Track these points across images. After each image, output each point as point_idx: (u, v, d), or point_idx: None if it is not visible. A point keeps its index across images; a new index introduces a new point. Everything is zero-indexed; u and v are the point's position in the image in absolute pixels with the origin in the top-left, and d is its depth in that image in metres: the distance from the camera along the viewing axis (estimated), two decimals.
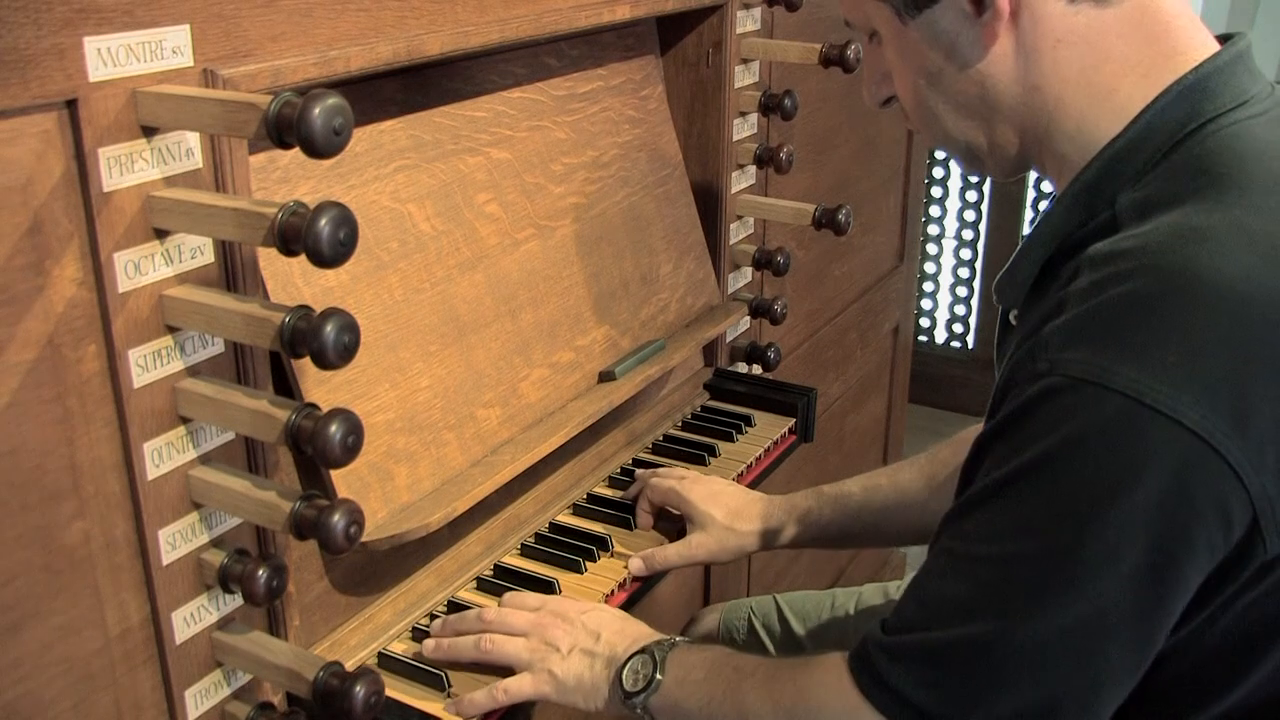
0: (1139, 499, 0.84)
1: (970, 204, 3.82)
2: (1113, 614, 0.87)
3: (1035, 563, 0.88)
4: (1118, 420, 0.83)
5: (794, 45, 1.68)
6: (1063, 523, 0.86)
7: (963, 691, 0.92)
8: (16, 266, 0.82)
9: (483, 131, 1.39)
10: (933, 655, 0.93)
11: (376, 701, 0.97)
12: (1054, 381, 0.86)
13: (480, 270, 1.35)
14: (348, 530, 0.90)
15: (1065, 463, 0.86)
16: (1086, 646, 0.88)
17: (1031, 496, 0.88)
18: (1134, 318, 0.86)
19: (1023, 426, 0.89)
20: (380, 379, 1.20)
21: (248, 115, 0.83)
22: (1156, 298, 0.85)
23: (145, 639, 0.97)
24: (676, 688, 1.12)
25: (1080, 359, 0.85)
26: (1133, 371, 0.83)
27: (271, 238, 0.84)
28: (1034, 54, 0.98)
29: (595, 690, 1.16)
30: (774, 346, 1.86)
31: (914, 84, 1.06)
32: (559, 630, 1.19)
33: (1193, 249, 0.86)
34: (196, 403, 0.94)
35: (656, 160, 1.66)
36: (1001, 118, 1.03)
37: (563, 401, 1.44)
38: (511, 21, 1.26)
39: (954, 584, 0.94)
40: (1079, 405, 0.85)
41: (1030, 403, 0.88)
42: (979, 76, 1.01)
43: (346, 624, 1.22)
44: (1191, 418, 0.82)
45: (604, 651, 1.17)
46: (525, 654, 1.17)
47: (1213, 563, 0.87)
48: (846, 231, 1.75)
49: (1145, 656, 0.90)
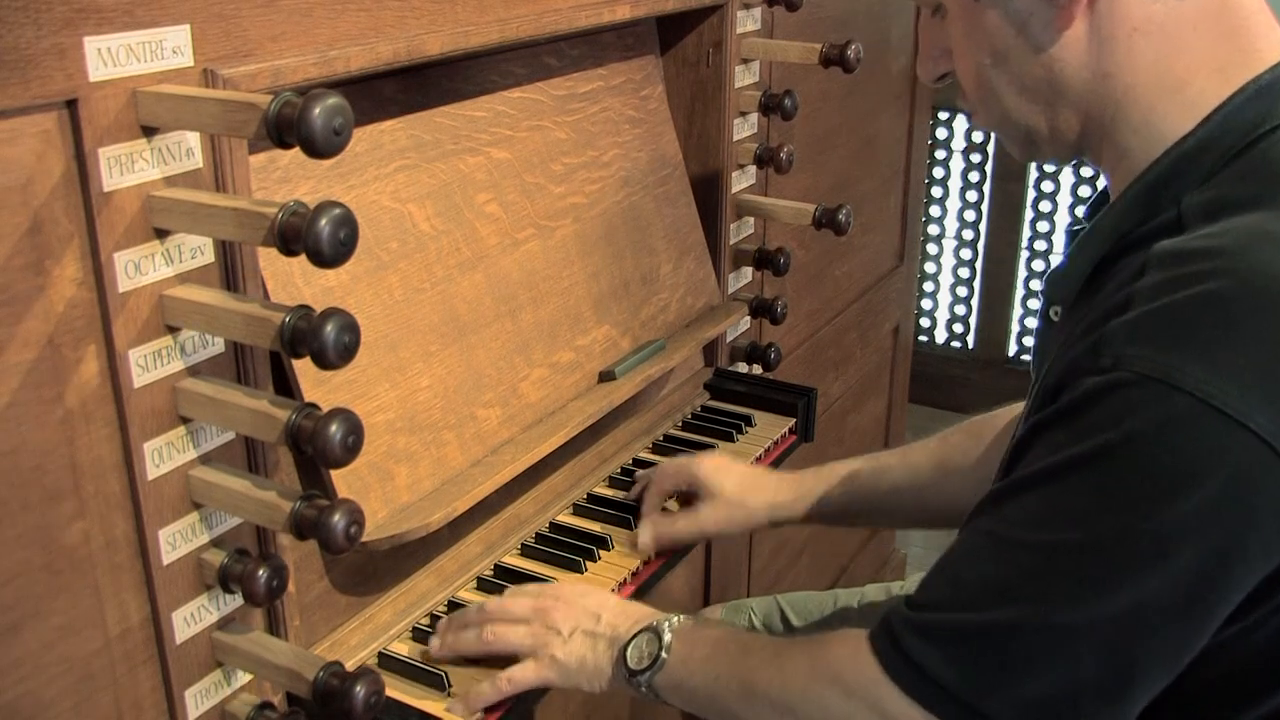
0: (1198, 501, 0.82)
1: (970, 204, 3.82)
2: (1154, 613, 0.86)
3: (1081, 554, 0.87)
4: (1184, 420, 0.82)
5: (794, 45, 1.68)
6: (1115, 517, 0.85)
7: (989, 674, 0.91)
8: (16, 266, 0.82)
9: (483, 131, 1.39)
10: (963, 635, 0.92)
11: (377, 701, 0.97)
12: (1120, 376, 0.85)
13: (480, 270, 1.35)
14: (348, 530, 0.90)
15: (1125, 457, 0.84)
16: (1121, 642, 0.87)
17: (1086, 487, 0.87)
18: (1206, 319, 0.84)
19: (1083, 417, 0.87)
20: (380, 379, 1.20)
21: (248, 115, 0.83)
22: (1230, 300, 0.84)
23: (145, 639, 0.97)
24: (681, 665, 1.11)
25: (1149, 356, 0.84)
26: (1202, 372, 0.82)
27: (272, 238, 0.84)
28: (1109, 40, 0.96)
29: (599, 671, 1.15)
30: (774, 346, 1.86)
31: (978, 63, 1.03)
32: (559, 614, 1.18)
33: (1269, 254, 0.85)
34: (197, 403, 0.94)
35: (657, 160, 1.66)
36: (1066, 103, 1.00)
37: (563, 401, 1.44)
38: (511, 21, 1.26)
39: (992, 566, 0.92)
40: (1145, 401, 0.83)
41: (1093, 394, 0.86)
42: (1048, 60, 0.98)
43: (347, 624, 1.22)
44: (1259, 422, 0.81)
45: (606, 632, 1.16)
46: (528, 640, 1.16)
47: (1267, 569, 0.86)
48: (847, 231, 1.75)
49: (1183, 657, 0.89)
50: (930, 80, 1.12)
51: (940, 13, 1.07)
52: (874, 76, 2.28)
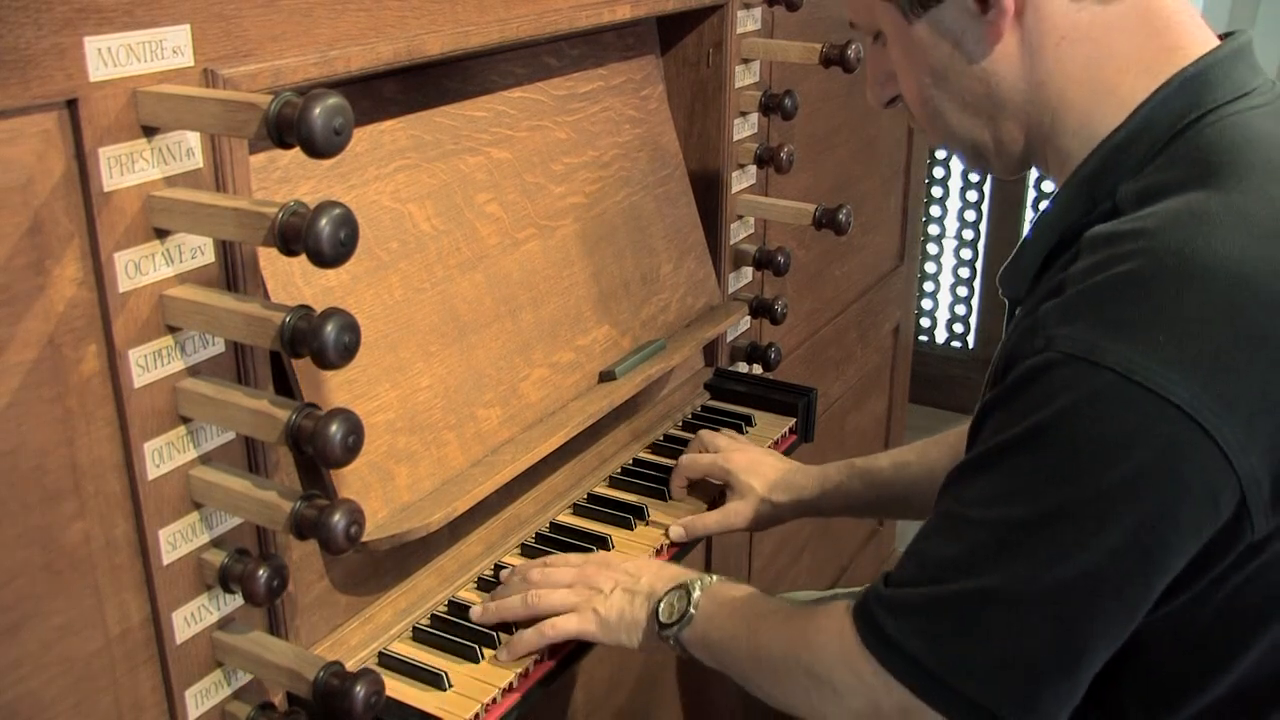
0: (1127, 474, 0.86)
1: (970, 204, 3.82)
2: (1097, 582, 0.89)
3: (1025, 529, 0.91)
4: (1108, 396, 0.86)
5: (794, 45, 1.68)
6: (1053, 492, 0.89)
7: (950, 644, 0.95)
8: (17, 266, 0.82)
9: (483, 131, 1.39)
10: (926, 609, 0.96)
11: (377, 701, 0.97)
12: (1050, 357, 0.89)
13: (480, 270, 1.35)
14: (348, 530, 0.90)
15: (1056, 435, 0.88)
16: (1069, 612, 0.91)
17: (1023, 466, 0.91)
18: (1127, 297, 0.88)
19: (1020, 397, 0.91)
20: (380, 379, 1.20)
21: (248, 115, 0.83)
22: (1150, 277, 0.87)
23: (145, 639, 0.97)
24: (706, 621, 1.16)
25: (1074, 336, 0.88)
26: (1124, 349, 0.85)
27: (272, 238, 0.84)
28: (1038, 51, 0.99)
29: (635, 625, 1.21)
30: (774, 346, 1.86)
31: (919, 83, 1.07)
32: (602, 575, 1.25)
33: (1189, 232, 0.88)
34: (197, 403, 0.94)
35: (657, 160, 1.66)
36: (1007, 115, 1.04)
37: (563, 401, 1.44)
38: (512, 21, 1.26)
39: (950, 544, 0.96)
40: (1072, 380, 0.87)
41: (1027, 376, 0.90)
42: (984, 74, 1.02)
43: (347, 624, 1.22)
44: (1181, 396, 0.84)
45: (644, 589, 1.22)
46: (572, 598, 1.22)
47: (1200, 540, 0.89)
48: (847, 231, 1.75)
49: (1124, 628, 0.93)
50: (880, 105, 1.16)
51: (881, 39, 1.10)
52: None
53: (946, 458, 1.46)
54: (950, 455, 1.46)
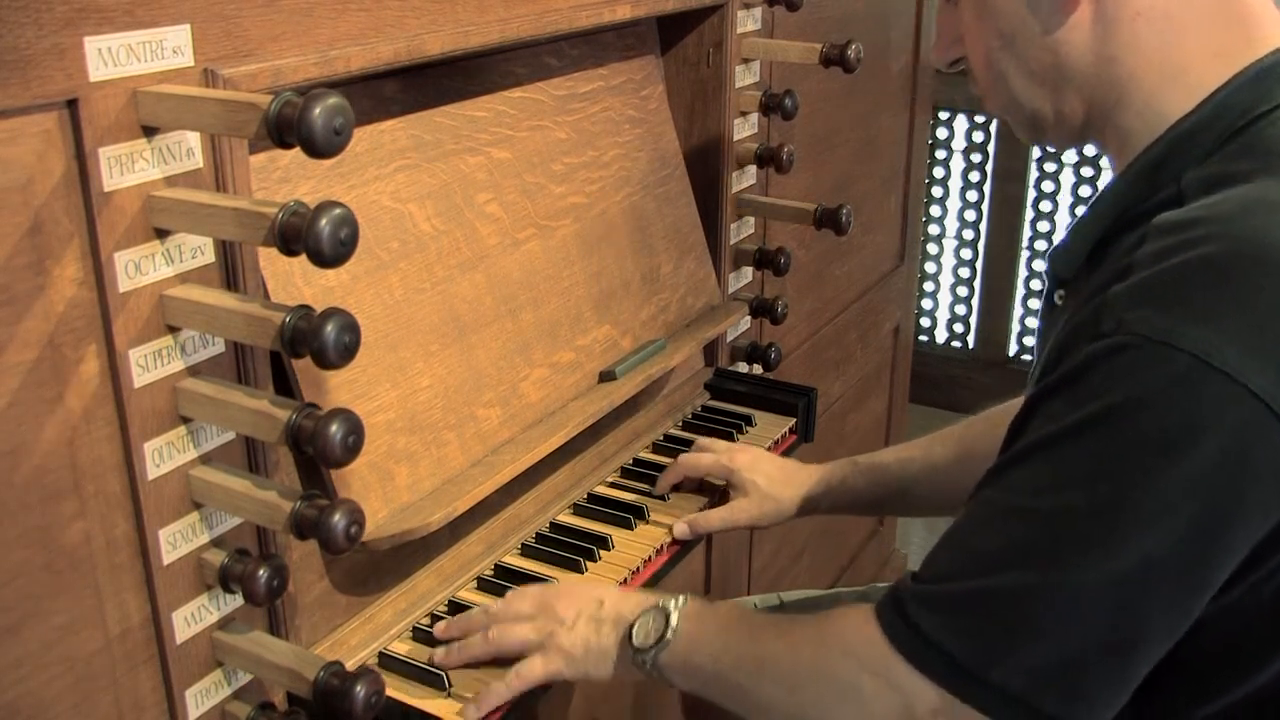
0: (1198, 460, 0.84)
1: (971, 204, 3.82)
2: (1156, 574, 0.87)
3: (1084, 516, 0.88)
4: (1184, 380, 0.84)
5: (794, 45, 1.68)
6: (1117, 477, 0.86)
7: (994, 641, 0.91)
8: (17, 266, 0.82)
9: (483, 131, 1.39)
10: (967, 604, 0.93)
11: (377, 701, 0.97)
12: (1120, 340, 0.86)
13: (481, 270, 1.35)
14: (348, 530, 0.90)
15: (1126, 419, 0.86)
16: (1125, 604, 0.88)
17: (1089, 450, 0.88)
18: (1204, 282, 0.86)
19: (1084, 382, 0.88)
20: (381, 379, 1.20)
21: (248, 115, 0.83)
22: (1227, 263, 0.86)
23: (146, 639, 0.97)
24: (689, 642, 1.11)
25: (1148, 319, 0.86)
26: (1201, 333, 0.84)
27: (272, 237, 0.84)
28: (1113, 25, 0.99)
29: (604, 654, 1.15)
30: (774, 346, 1.86)
31: (987, 46, 1.06)
32: (562, 605, 1.18)
33: (1263, 219, 0.87)
34: (197, 403, 0.94)
35: (657, 160, 1.66)
36: (1072, 87, 1.03)
37: (563, 401, 1.44)
38: (512, 21, 1.26)
39: (996, 535, 0.93)
40: (1145, 363, 0.85)
41: (1093, 359, 0.88)
42: (1054, 43, 1.01)
43: (347, 624, 1.22)
44: (1258, 383, 0.83)
45: (610, 615, 1.17)
46: (533, 634, 1.16)
47: (1265, 529, 0.87)
48: (847, 231, 1.75)
49: (1184, 620, 0.90)
50: (943, 65, 1.15)
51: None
52: (874, 76, 2.28)
53: (952, 453, 1.45)
54: (955, 452, 1.45)
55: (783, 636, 1.07)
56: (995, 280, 3.86)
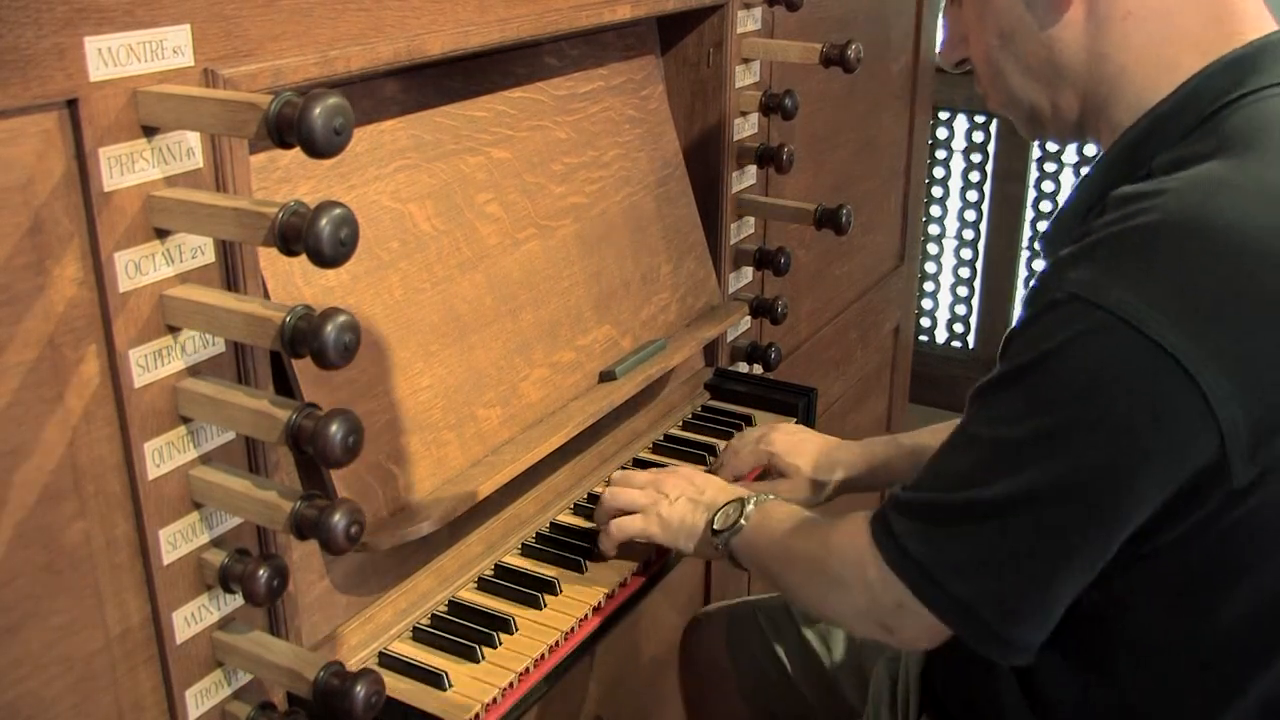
0: (1109, 407, 0.92)
1: (971, 204, 3.82)
2: (1074, 500, 0.96)
3: (1017, 447, 0.98)
4: (1100, 333, 0.92)
5: (794, 45, 1.68)
6: (1043, 416, 0.96)
7: (945, 547, 1.02)
8: (17, 266, 0.82)
9: (483, 131, 1.39)
10: (929, 513, 1.04)
11: (377, 701, 0.97)
12: (1057, 296, 0.95)
13: (481, 270, 1.35)
14: (348, 530, 0.90)
15: (1053, 365, 0.95)
16: (1044, 528, 0.97)
17: (1024, 391, 0.98)
18: (1135, 247, 0.93)
19: (1027, 333, 0.98)
20: (381, 379, 1.20)
21: (248, 115, 0.83)
22: (1159, 232, 0.93)
23: (146, 639, 0.97)
24: (753, 531, 1.27)
25: (1080, 278, 0.94)
26: (1123, 293, 0.91)
27: (272, 237, 0.84)
28: (1104, 23, 1.05)
29: (693, 530, 1.32)
30: (774, 346, 1.86)
31: (987, 44, 1.13)
32: (670, 482, 1.36)
33: (1204, 194, 0.94)
34: (197, 403, 0.94)
35: (657, 160, 1.66)
36: (1066, 83, 1.09)
37: (563, 401, 1.44)
38: (512, 21, 1.26)
39: (960, 457, 1.04)
40: (1072, 317, 0.93)
41: (1038, 313, 0.97)
42: (1048, 39, 1.07)
43: (347, 624, 1.22)
44: (1170, 341, 0.90)
45: (706, 500, 1.34)
46: (640, 499, 1.35)
47: (1175, 482, 0.94)
48: (847, 231, 1.75)
49: (1098, 553, 0.98)
50: (950, 65, 1.23)
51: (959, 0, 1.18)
52: (874, 76, 2.28)
53: None
54: None
55: (808, 531, 1.21)
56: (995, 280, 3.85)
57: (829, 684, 1.52)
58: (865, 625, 1.12)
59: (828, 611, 1.20)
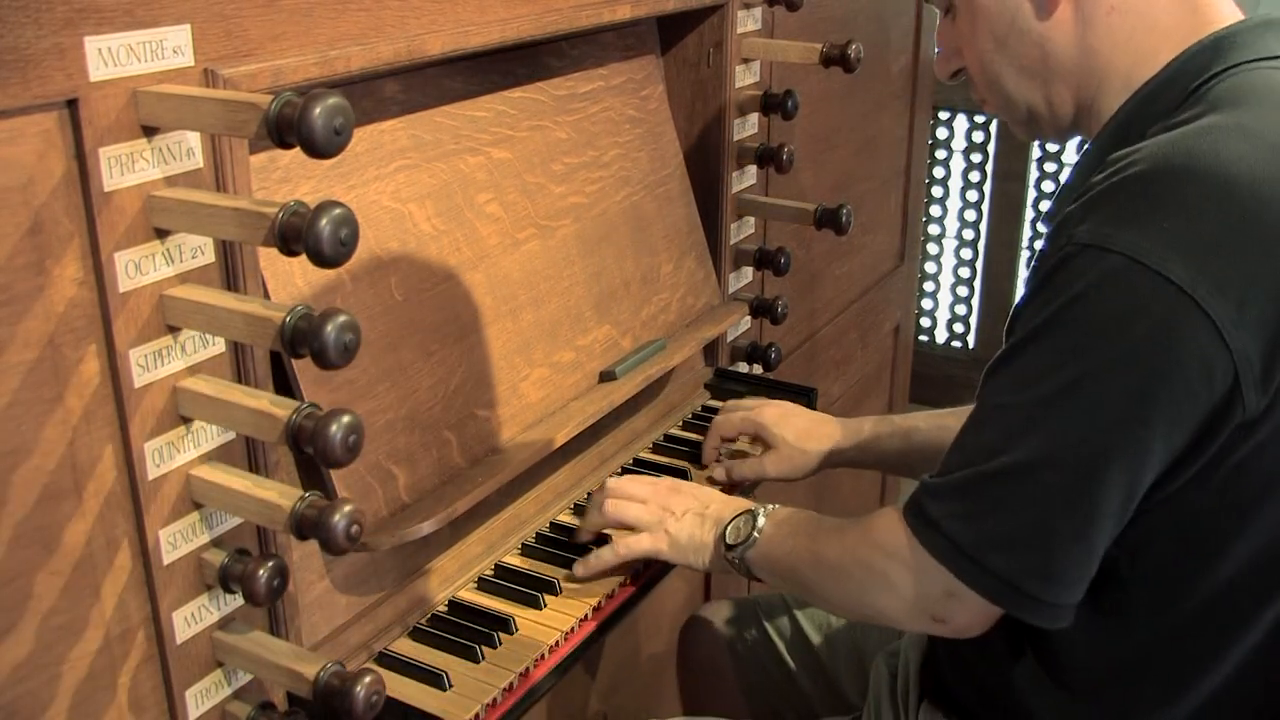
0: (1129, 344, 0.95)
1: (970, 204, 3.82)
2: (1104, 449, 0.97)
3: (1045, 403, 0.99)
4: (1114, 276, 0.95)
5: (794, 45, 1.68)
6: (1068, 367, 0.97)
7: (982, 522, 1.02)
8: (17, 266, 0.82)
9: (483, 131, 1.39)
10: (963, 490, 1.04)
11: (377, 701, 0.97)
12: (1068, 250, 0.98)
13: (481, 270, 1.35)
14: (349, 530, 0.90)
15: (1072, 316, 0.97)
16: (1082, 481, 0.98)
17: (1047, 347, 0.99)
18: (1134, 192, 0.97)
19: (1044, 291, 1.00)
20: (381, 379, 1.20)
21: (248, 115, 0.83)
22: (1156, 176, 0.97)
23: (146, 639, 0.97)
24: (768, 542, 1.25)
25: (1088, 229, 0.97)
26: (1130, 235, 0.95)
27: (272, 237, 0.84)
28: (1091, 19, 1.10)
29: (703, 547, 1.30)
30: (774, 346, 1.86)
31: (982, 50, 1.17)
32: (674, 498, 1.34)
33: (1196, 140, 0.98)
34: (197, 402, 0.94)
35: (657, 160, 1.66)
36: (1059, 79, 1.14)
37: (563, 401, 1.44)
38: (512, 21, 1.26)
39: (986, 431, 1.05)
40: (1085, 266, 0.96)
41: (1051, 270, 1.00)
42: (1040, 39, 1.12)
43: (347, 624, 1.21)
44: (1178, 274, 0.93)
45: (713, 515, 1.32)
46: (646, 516, 1.32)
47: (1197, 414, 0.96)
48: (847, 231, 1.75)
49: (1130, 498, 1.00)
50: (945, 77, 1.26)
51: (951, 13, 1.21)
52: (874, 76, 2.28)
53: None
54: None
55: (836, 534, 1.20)
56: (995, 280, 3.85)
57: (829, 679, 1.52)
58: (916, 619, 1.11)
59: (871, 612, 1.16)
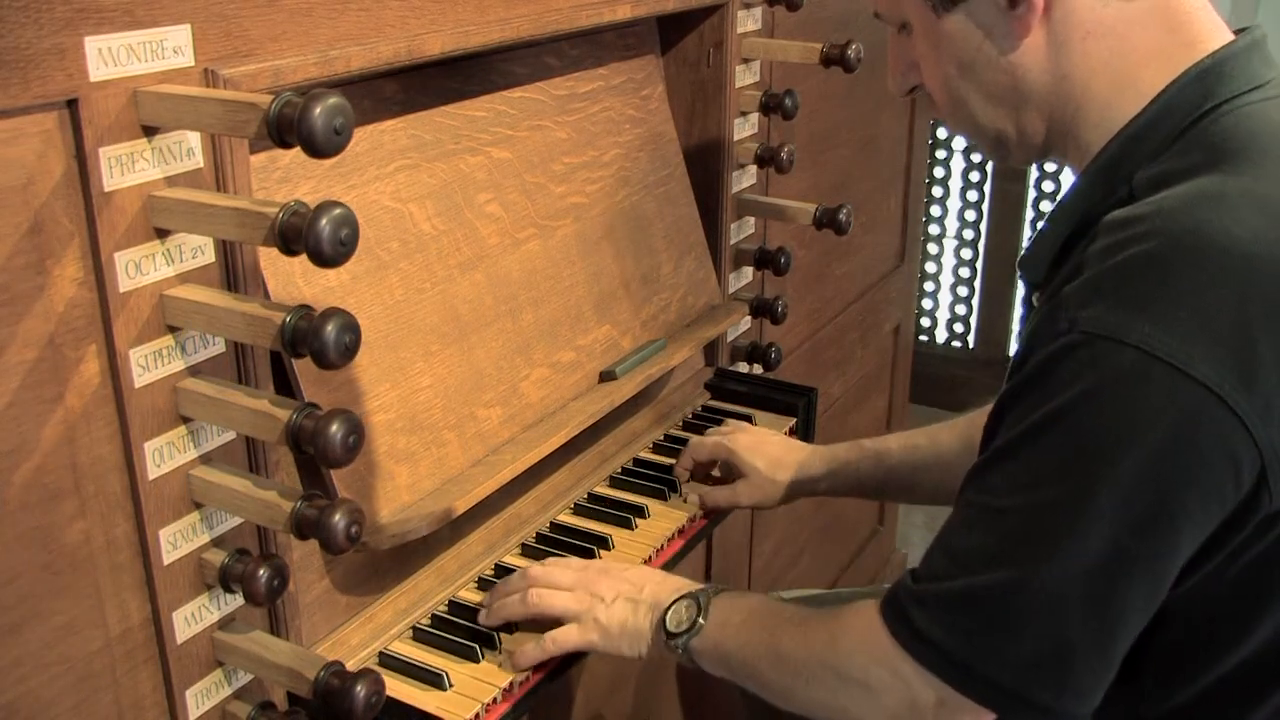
0: (1151, 447, 0.88)
1: (970, 204, 3.82)
2: (1126, 558, 0.91)
3: (1054, 510, 0.92)
4: (1131, 373, 0.88)
5: (794, 45, 1.68)
6: (1080, 470, 0.90)
7: (983, 637, 0.96)
8: (17, 266, 0.82)
9: (483, 131, 1.39)
10: (958, 602, 0.97)
11: (377, 701, 0.97)
12: (1073, 338, 0.91)
13: (481, 270, 1.35)
14: (349, 530, 0.90)
15: (1083, 414, 0.90)
16: (1102, 591, 0.92)
17: (1051, 447, 0.92)
18: (1148, 276, 0.90)
19: (1043, 382, 0.93)
20: (381, 379, 1.20)
21: (249, 115, 0.83)
22: (1169, 257, 0.90)
23: (146, 639, 0.97)
24: (718, 630, 1.16)
25: (1097, 316, 0.90)
26: (1146, 327, 0.88)
27: (272, 237, 0.84)
28: (1064, 45, 1.02)
29: (639, 635, 1.20)
30: (775, 346, 1.86)
31: (945, 74, 1.10)
32: (603, 583, 1.22)
33: (1203, 213, 0.91)
34: (197, 402, 0.94)
35: (657, 160, 1.66)
36: (1030, 106, 1.07)
37: (564, 401, 1.44)
38: (512, 21, 1.26)
39: (979, 535, 0.97)
40: (1096, 359, 0.89)
41: (1050, 359, 0.92)
42: (1010, 66, 1.05)
43: (347, 624, 1.22)
44: (1201, 370, 0.87)
45: (648, 599, 1.21)
46: (573, 605, 1.20)
47: (1223, 511, 0.91)
48: (847, 231, 1.75)
49: (1153, 603, 0.94)
50: (900, 93, 1.20)
51: (906, 29, 1.14)
52: (874, 76, 2.28)
53: (957, 442, 1.46)
54: (960, 440, 1.46)
55: (799, 630, 1.11)
56: (995, 280, 3.86)
57: None
58: None
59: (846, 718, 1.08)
